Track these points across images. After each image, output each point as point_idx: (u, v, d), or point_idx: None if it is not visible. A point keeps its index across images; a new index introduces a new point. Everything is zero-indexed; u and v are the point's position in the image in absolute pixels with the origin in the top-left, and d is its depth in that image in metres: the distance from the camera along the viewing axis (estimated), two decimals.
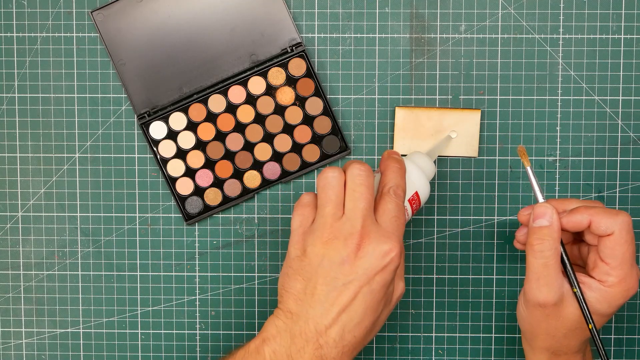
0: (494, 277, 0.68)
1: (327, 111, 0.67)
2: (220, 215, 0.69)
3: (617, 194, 0.68)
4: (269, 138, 0.68)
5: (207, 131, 0.67)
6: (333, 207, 0.55)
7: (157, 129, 0.67)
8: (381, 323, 0.56)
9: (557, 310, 0.56)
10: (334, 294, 0.53)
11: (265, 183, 0.68)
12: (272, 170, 0.68)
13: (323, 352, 0.53)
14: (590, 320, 0.56)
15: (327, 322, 0.53)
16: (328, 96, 0.68)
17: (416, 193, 0.59)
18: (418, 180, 0.59)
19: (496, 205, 0.68)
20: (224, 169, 0.68)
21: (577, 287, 0.56)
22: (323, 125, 0.67)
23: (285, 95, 0.67)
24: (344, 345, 0.53)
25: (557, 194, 0.68)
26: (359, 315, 0.53)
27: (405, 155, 0.62)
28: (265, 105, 0.67)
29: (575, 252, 0.61)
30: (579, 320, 0.57)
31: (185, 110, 0.67)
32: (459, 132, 0.67)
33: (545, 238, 0.56)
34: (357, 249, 0.53)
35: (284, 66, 0.67)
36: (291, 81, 0.67)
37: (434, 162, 0.63)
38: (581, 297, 0.56)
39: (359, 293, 0.53)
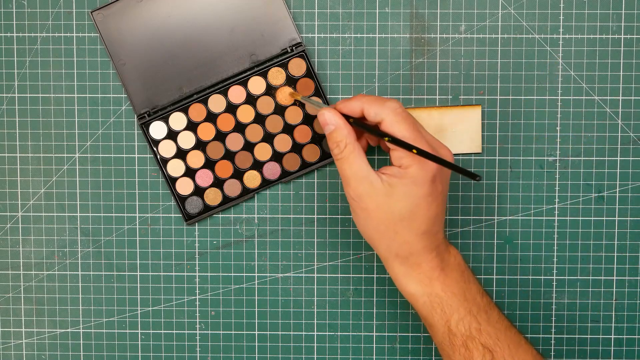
0: (494, 277, 0.68)
1: None
2: (220, 215, 0.69)
3: (617, 194, 0.68)
4: (269, 138, 0.68)
5: (207, 131, 0.67)
6: None
7: (157, 129, 0.67)
8: None
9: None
10: None
11: (265, 183, 0.68)
12: (272, 170, 0.68)
13: None
14: (404, 144, 0.55)
15: None
16: (328, 96, 0.68)
17: None
18: None
19: (496, 205, 0.68)
20: (224, 169, 0.68)
21: (387, 137, 0.56)
22: None
23: (285, 95, 0.67)
24: None
25: (557, 194, 0.68)
26: None
27: None
28: (265, 105, 0.67)
29: None
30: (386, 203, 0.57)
31: (185, 110, 0.67)
32: (461, 129, 0.67)
33: (340, 137, 0.58)
34: None
35: (284, 66, 0.67)
36: (291, 81, 0.67)
37: None
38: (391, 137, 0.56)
39: None
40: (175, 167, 0.68)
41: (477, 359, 0.57)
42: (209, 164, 0.68)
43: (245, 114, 0.67)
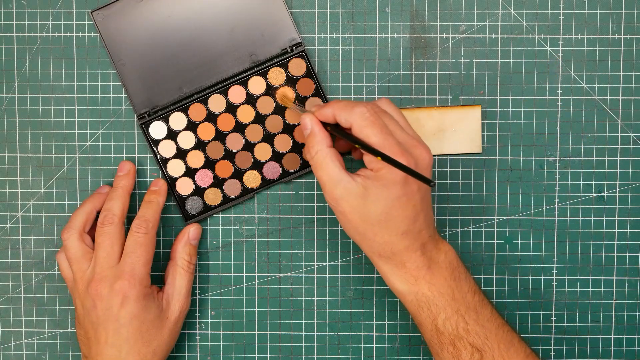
0: (494, 277, 0.68)
1: None
2: (220, 215, 0.69)
3: (617, 194, 0.68)
4: (269, 138, 0.68)
5: (207, 131, 0.67)
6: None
7: (157, 129, 0.67)
8: (166, 341, 0.64)
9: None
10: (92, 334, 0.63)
11: (265, 183, 0.68)
12: (272, 170, 0.68)
13: None
14: (373, 150, 0.55)
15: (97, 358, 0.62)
16: (328, 96, 0.68)
17: None
18: None
19: (496, 205, 0.68)
20: (224, 169, 0.68)
21: (357, 143, 0.56)
22: None
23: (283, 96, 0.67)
24: None
25: (557, 194, 0.68)
26: (122, 347, 0.62)
27: None
28: (265, 105, 0.67)
29: None
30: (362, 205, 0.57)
31: (185, 110, 0.67)
32: (461, 129, 0.67)
33: (312, 143, 0.58)
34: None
35: (284, 66, 0.67)
36: (291, 81, 0.67)
37: None
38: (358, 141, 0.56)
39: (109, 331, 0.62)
40: (175, 167, 0.68)
41: (466, 358, 0.57)
42: (209, 164, 0.68)
43: (245, 114, 0.67)
